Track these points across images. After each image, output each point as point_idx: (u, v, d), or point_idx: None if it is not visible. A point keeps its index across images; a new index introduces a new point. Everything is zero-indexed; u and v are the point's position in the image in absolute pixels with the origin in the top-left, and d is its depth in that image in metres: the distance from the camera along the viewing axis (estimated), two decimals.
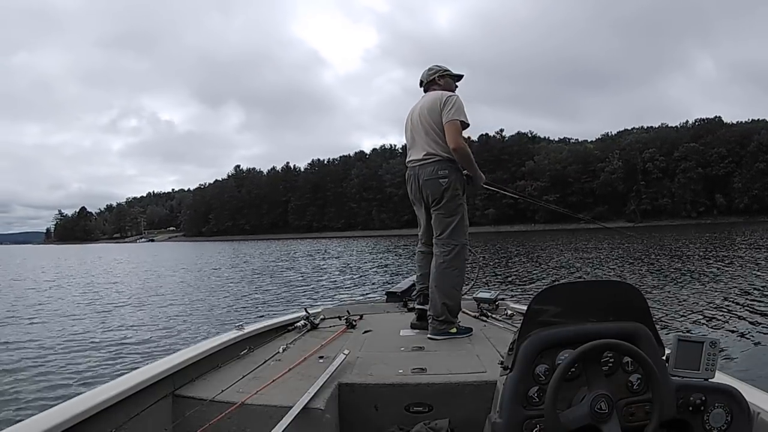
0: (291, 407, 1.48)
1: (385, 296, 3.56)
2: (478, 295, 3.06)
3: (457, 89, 2.73)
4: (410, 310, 2.95)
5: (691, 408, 1.06)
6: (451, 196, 2.51)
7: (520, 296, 8.38)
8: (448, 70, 2.72)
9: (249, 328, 2.32)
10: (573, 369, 1.04)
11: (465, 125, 2.50)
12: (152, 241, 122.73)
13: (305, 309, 2.73)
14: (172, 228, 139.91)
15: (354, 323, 2.63)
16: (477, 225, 74.71)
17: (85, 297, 11.51)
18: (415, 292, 2.80)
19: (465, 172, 2.63)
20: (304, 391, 1.56)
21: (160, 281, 15.74)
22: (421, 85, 2.77)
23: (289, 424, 1.42)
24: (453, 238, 2.51)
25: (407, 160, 2.69)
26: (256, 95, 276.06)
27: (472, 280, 3.55)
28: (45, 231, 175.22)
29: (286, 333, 2.53)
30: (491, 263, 16.08)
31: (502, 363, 1.16)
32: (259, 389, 1.63)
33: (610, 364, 1.08)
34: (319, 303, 8.59)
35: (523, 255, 20.18)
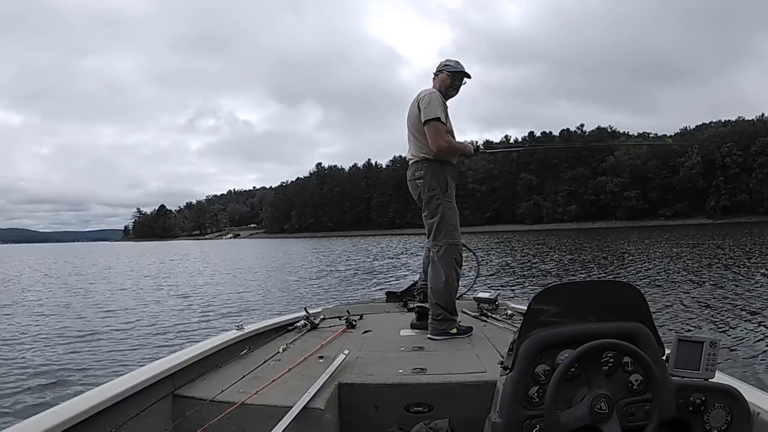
0: (291, 407, 1.47)
1: (385, 296, 3.56)
2: (478, 295, 3.06)
3: (463, 86, 2.70)
4: (410, 310, 2.95)
5: (691, 408, 1.06)
6: (428, 197, 2.53)
7: (520, 296, 8.38)
8: (448, 65, 2.68)
9: (249, 328, 2.32)
10: (573, 369, 1.04)
11: (441, 122, 2.48)
12: (238, 236, 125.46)
13: (305, 309, 2.73)
14: (253, 225, 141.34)
15: (354, 323, 2.63)
16: (559, 222, 75.54)
17: (96, 296, 11.54)
18: (416, 289, 2.81)
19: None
20: (304, 391, 1.56)
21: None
22: None
23: (289, 424, 1.42)
24: (437, 239, 2.52)
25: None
26: (334, 93, 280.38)
27: (473, 280, 3.55)
28: (123, 228, 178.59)
29: (286, 333, 2.53)
30: (491, 263, 16.09)
31: (502, 363, 1.16)
32: (259, 389, 1.62)
33: (610, 364, 1.08)
34: (319, 303, 8.61)
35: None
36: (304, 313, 2.69)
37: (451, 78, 2.65)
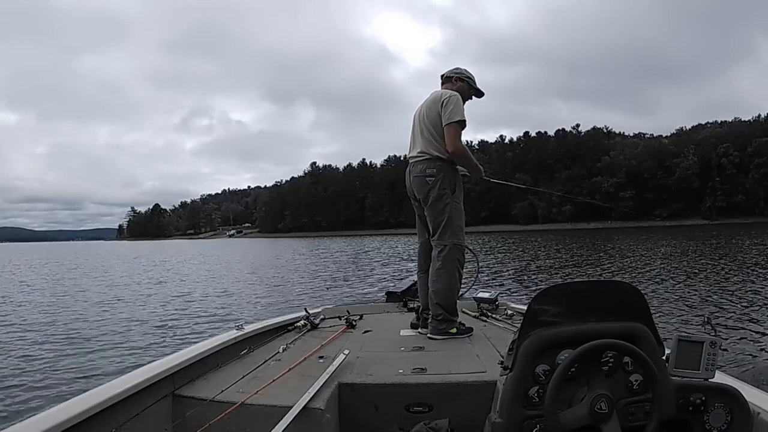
0: (291, 407, 1.47)
1: (385, 296, 3.56)
2: (478, 295, 3.05)
3: (468, 102, 2.67)
4: (410, 310, 2.95)
5: (691, 408, 1.06)
6: (437, 195, 2.50)
7: (520, 296, 8.39)
8: (471, 78, 2.70)
9: (249, 328, 2.31)
10: (573, 369, 1.04)
11: (463, 125, 2.49)
12: (240, 232, 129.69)
13: (305, 309, 2.73)
14: (247, 224, 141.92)
15: (354, 323, 2.62)
16: (554, 222, 75.35)
17: (95, 296, 11.53)
18: (416, 289, 2.81)
19: (463, 171, 2.63)
20: (304, 391, 1.56)
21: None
22: (441, 79, 2.74)
23: (289, 424, 1.42)
24: (442, 239, 2.51)
25: (408, 155, 2.70)
26: (327, 93, 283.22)
27: (473, 279, 3.55)
28: (117, 228, 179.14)
29: (286, 333, 2.53)
30: (491, 263, 16.09)
31: (502, 363, 1.16)
32: (259, 389, 1.62)
33: (610, 364, 1.08)
34: (319, 303, 8.62)
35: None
36: (304, 313, 2.68)
37: (470, 91, 2.68)
